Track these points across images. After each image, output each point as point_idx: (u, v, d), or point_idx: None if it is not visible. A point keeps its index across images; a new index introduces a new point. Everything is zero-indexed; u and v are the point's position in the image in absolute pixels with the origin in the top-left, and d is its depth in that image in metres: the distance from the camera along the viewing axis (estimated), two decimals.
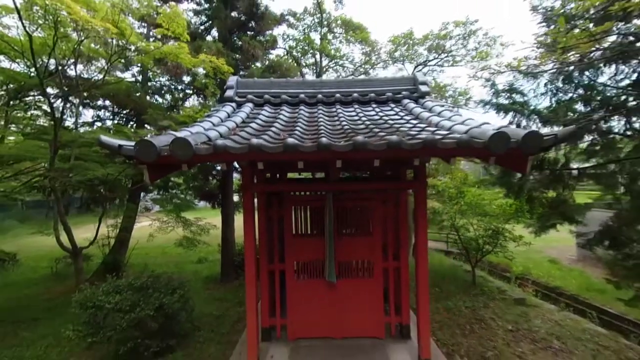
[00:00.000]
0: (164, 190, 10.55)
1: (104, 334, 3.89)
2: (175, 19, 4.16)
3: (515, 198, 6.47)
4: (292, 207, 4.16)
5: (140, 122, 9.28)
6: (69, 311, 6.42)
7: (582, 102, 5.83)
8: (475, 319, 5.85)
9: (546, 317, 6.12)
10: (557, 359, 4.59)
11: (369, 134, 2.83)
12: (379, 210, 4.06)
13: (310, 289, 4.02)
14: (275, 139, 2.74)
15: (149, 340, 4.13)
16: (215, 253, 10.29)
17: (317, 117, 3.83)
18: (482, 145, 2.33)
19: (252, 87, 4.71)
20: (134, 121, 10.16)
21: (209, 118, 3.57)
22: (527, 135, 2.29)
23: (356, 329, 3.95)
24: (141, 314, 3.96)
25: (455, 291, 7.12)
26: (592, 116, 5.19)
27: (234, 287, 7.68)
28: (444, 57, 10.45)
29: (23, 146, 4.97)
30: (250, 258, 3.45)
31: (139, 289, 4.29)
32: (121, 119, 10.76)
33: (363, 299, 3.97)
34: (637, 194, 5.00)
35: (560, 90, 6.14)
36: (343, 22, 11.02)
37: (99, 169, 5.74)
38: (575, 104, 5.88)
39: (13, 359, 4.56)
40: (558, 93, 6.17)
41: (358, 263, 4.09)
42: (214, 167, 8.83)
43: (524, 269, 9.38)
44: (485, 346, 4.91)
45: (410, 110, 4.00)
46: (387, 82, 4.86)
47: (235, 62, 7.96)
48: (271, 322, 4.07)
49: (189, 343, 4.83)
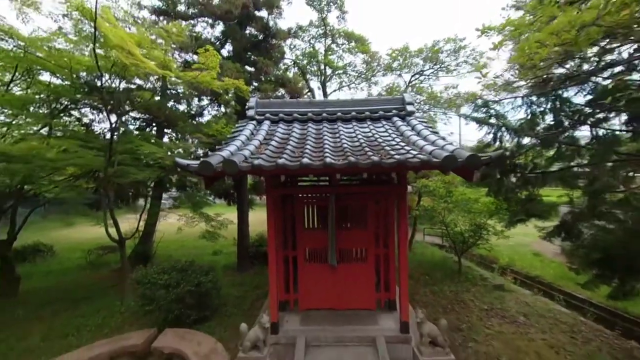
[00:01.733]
0: (182, 189, 11.68)
1: (157, 304, 5.00)
2: (210, 57, 5.20)
3: (495, 197, 7.42)
4: (303, 206, 5.20)
5: (160, 127, 10.38)
6: (111, 293, 7.67)
7: (552, 114, 6.76)
8: (456, 300, 6.87)
9: (519, 299, 7.11)
10: (518, 329, 5.59)
11: (360, 152, 3.84)
12: (372, 208, 5.07)
13: (317, 271, 5.06)
14: (292, 156, 3.77)
15: (189, 310, 5.24)
16: (229, 246, 11.41)
17: (322, 134, 4.86)
18: (438, 164, 3.33)
19: (269, 107, 5.74)
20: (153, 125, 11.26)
21: (238, 136, 4.62)
22: (469, 156, 3.27)
23: (353, 302, 4.99)
24: (184, 289, 5.06)
25: (442, 278, 8.13)
26: (557, 128, 6.13)
27: (250, 275, 8.78)
28: (438, 67, 11.39)
29: (78, 154, 6.00)
30: (272, 246, 4.49)
31: (180, 271, 5.39)
32: (141, 123, 11.89)
33: (358, 278, 5.00)
34: (592, 194, 5.94)
35: (534, 103, 7.07)
36: (345, 35, 11.96)
37: (138, 173, 6.84)
38: (546, 115, 6.81)
39: (80, 326, 5.70)
40: (532, 106, 7.10)
41: (355, 250, 5.12)
42: None
43: (509, 260, 10.33)
44: (461, 321, 5.93)
45: (398, 127, 4.99)
46: (380, 101, 5.84)
47: (248, 76, 9.01)
48: (286, 297, 5.13)
49: (218, 315, 5.93)
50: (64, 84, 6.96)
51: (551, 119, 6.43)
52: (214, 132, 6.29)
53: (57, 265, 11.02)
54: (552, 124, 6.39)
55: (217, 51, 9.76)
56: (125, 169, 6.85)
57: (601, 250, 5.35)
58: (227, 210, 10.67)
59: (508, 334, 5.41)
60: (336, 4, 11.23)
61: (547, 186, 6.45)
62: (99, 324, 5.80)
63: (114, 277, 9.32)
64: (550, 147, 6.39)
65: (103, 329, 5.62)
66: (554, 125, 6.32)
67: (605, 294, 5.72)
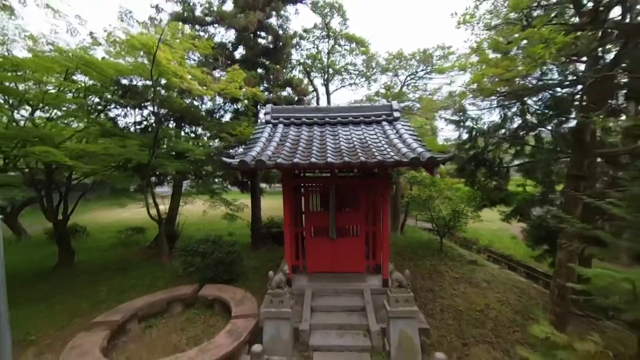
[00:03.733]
0: (199, 178, 13.11)
1: (197, 267, 6.50)
2: (236, 75, 6.45)
3: (471, 187, 8.78)
4: (310, 194, 6.60)
5: (178, 123, 11.71)
6: (147, 265, 9.19)
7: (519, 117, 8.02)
8: (434, 271, 8.35)
9: (487, 271, 8.57)
10: (479, 291, 7.07)
11: (353, 152, 5.19)
12: (363, 195, 6.45)
13: (320, 243, 6.50)
14: (303, 156, 5.13)
15: (221, 273, 6.74)
16: (243, 229, 12.90)
17: (325, 136, 6.21)
18: (407, 163, 4.69)
19: (282, 112, 7.06)
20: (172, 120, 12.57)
21: (260, 138, 5.97)
22: (429, 158, 4.62)
23: (348, 266, 6.44)
24: (218, 256, 6.55)
25: (426, 255, 9.60)
26: (522, 130, 7.43)
27: (263, 252, 10.30)
28: (430, 69, 12.49)
29: (132, 150, 7.26)
30: (287, 224, 5.92)
31: (213, 242, 6.87)
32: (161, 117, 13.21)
33: (352, 249, 6.44)
34: (547, 185, 7.29)
35: (505, 107, 8.31)
36: (347, 37, 13.03)
37: (170, 165, 8.23)
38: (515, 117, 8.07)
39: (134, 285, 7.25)
40: (504, 109, 8.35)
41: (350, 227, 6.55)
42: None
43: (488, 242, 11.78)
44: (435, 285, 7.42)
45: (385, 131, 6.31)
46: (372, 108, 7.14)
47: (259, 78, 10.25)
48: (297, 262, 6.60)
49: (241, 279, 7.43)
50: (109, 89, 8.26)
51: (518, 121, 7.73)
52: (237, 132, 7.62)
53: (92, 243, 12.62)
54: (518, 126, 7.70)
55: (231, 53, 11.07)
56: (161, 161, 8.26)
57: (545, 229, 6.76)
58: (240, 196, 12.11)
59: (469, 294, 6.90)
60: (339, 11, 12.31)
61: (510, 178, 7.82)
62: (148, 284, 7.35)
63: (145, 253, 10.93)
64: (516, 145, 7.70)
65: (152, 288, 7.15)
66: (519, 127, 7.62)
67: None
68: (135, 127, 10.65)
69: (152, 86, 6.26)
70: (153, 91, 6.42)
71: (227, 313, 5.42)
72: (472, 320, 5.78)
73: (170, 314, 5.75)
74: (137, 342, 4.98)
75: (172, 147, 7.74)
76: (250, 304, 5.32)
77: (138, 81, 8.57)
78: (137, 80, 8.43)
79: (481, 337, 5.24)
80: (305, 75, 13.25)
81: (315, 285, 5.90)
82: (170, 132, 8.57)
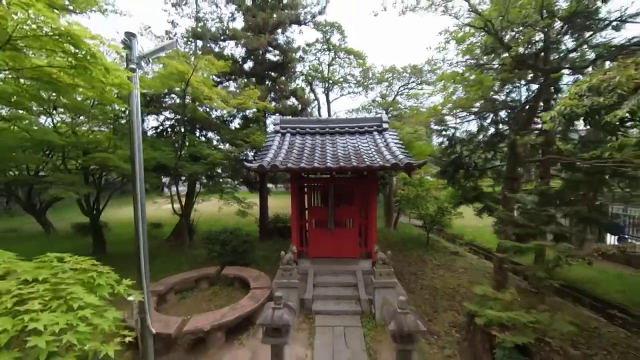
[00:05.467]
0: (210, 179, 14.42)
1: (218, 253, 7.79)
2: (252, 94, 7.74)
3: (452, 187, 10.07)
4: (312, 192, 7.89)
5: (192, 126, 13.02)
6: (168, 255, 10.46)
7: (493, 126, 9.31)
8: (419, 260, 9.63)
9: (467, 261, 9.86)
10: (455, 275, 8.35)
11: (348, 158, 6.49)
12: (357, 193, 7.73)
13: (320, 233, 7.78)
14: (308, 160, 6.43)
15: (237, 259, 8.03)
16: (250, 225, 14.19)
17: (325, 144, 7.51)
18: (389, 167, 5.99)
19: (289, 123, 8.37)
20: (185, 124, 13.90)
21: (271, 145, 7.27)
22: (407, 163, 5.92)
23: (344, 252, 7.71)
24: (235, 244, 7.85)
25: (413, 247, 10.89)
26: (493, 139, 8.72)
27: (270, 244, 11.60)
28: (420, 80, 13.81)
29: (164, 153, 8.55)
30: (294, 217, 7.21)
31: (231, 233, 8.17)
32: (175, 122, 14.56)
33: (348, 238, 7.72)
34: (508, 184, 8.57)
35: (481, 118, 9.61)
36: (346, 51, 14.36)
37: (191, 167, 9.53)
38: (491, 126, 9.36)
39: (164, 270, 8.53)
40: (480, 119, 9.64)
41: (346, 220, 7.83)
42: None
43: (472, 237, 13.04)
44: (418, 270, 8.70)
45: (375, 140, 7.61)
46: (364, 120, 8.44)
47: (267, 90, 11.56)
48: (301, 249, 7.88)
49: (253, 265, 8.73)
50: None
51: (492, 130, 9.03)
52: (251, 140, 8.92)
53: (114, 237, 13.92)
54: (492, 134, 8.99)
55: (241, 67, 12.39)
56: (183, 163, 9.56)
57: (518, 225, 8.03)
58: (249, 195, 13.42)
59: (446, 277, 8.18)
60: (338, 29, 13.64)
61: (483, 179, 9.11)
62: (174, 268, 8.63)
63: (165, 245, 12.23)
64: (488, 151, 9.00)
65: (179, 271, 8.45)
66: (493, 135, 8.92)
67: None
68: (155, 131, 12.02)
69: (182, 103, 7.58)
70: (183, 105, 7.74)
71: (245, 289, 6.71)
72: (445, 295, 7.06)
73: (199, 289, 7.05)
74: (176, 308, 6.28)
75: (196, 151, 9.02)
76: (264, 280, 6.62)
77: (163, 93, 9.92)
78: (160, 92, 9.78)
79: (450, 307, 6.52)
80: (307, 84, 14.57)
81: (317, 267, 7.19)
82: (194, 139, 9.87)
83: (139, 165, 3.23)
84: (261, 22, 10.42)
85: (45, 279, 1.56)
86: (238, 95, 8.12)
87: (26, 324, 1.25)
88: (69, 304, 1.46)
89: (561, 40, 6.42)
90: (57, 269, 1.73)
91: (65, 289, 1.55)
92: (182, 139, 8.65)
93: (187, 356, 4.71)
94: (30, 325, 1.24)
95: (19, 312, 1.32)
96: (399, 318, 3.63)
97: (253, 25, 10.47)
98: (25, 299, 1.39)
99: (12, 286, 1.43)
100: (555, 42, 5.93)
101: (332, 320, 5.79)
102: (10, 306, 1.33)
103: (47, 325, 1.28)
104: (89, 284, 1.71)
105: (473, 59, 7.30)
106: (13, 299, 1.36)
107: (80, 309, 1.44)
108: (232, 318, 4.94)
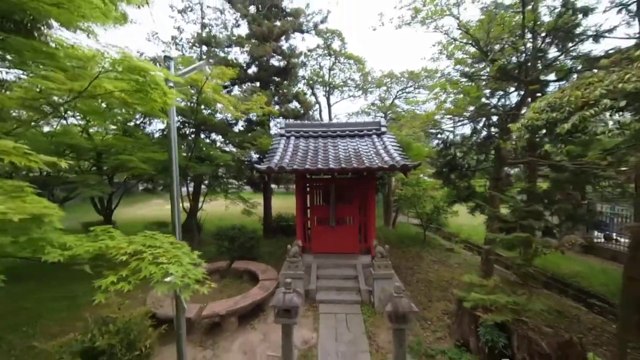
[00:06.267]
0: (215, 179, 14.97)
1: (227, 249, 8.33)
2: (260, 100, 8.31)
3: (447, 187, 10.61)
4: (315, 191, 8.44)
5: (197, 128, 13.57)
6: None
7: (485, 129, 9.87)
8: (416, 256, 10.18)
9: (461, 257, 10.40)
10: (449, 269, 8.89)
11: (348, 160, 7.04)
12: (357, 192, 8.27)
13: (323, 230, 8.32)
14: (311, 162, 6.97)
15: (244, 254, 8.57)
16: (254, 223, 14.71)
17: (327, 147, 8.06)
18: (387, 168, 6.54)
19: (293, 127, 8.92)
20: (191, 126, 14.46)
21: (278, 148, 7.82)
22: (402, 164, 6.47)
23: (344, 248, 8.25)
24: (243, 239, 8.38)
25: (411, 244, 11.43)
26: (486, 141, 9.27)
27: (274, 241, 12.13)
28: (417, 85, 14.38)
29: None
30: (298, 215, 7.75)
31: (239, 229, 8.71)
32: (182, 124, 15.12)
33: (348, 234, 8.26)
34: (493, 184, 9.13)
35: (474, 122, 10.17)
36: (346, 56, 14.93)
37: (200, 168, 10.07)
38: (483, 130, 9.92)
39: None
40: (473, 123, 10.20)
41: (346, 217, 8.37)
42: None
43: (467, 235, 13.59)
44: (415, 265, 9.24)
45: (374, 143, 8.16)
46: (364, 124, 9.00)
47: (271, 93, 12.10)
48: (304, 244, 8.42)
49: (260, 259, 9.27)
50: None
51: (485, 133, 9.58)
52: (258, 143, 9.47)
53: None
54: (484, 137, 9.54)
55: (245, 71, 12.94)
56: (192, 164, 10.09)
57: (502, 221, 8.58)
58: (253, 196, 13.96)
59: (441, 271, 8.72)
60: (339, 36, 14.22)
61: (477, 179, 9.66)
62: None
63: None
64: (480, 153, 9.55)
65: None
66: (486, 137, 9.47)
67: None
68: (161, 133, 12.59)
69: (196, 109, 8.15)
70: (195, 111, 8.29)
71: (253, 281, 7.25)
72: (438, 287, 7.60)
73: (212, 280, 7.57)
74: (192, 297, 6.81)
75: (203, 153, 9.57)
76: (272, 273, 7.16)
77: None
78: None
79: (443, 297, 7.06)
80: (309, 88, 15.13)
81: (319, 261, 7.74)
82: (201, 141, 10.42)
83: (175, 171, 3.76)
84: (266, 31, 10.98)
85: (159, 246, 2.23)
86: (245, 100, 8.64)
87: (166, 270, 1.91)
88: (179, 261, 2.23)
89: (545, 51, 6.99)
90: (162, 242, 2.37)
91: (174, 253, 2.18)
92: (194, 142, 9.20)
93: (205, 337, 5.25)
94: (170, 270, 2.11)
95: (157, 263, 1.97)
96: (394, 301, 4.16)
97: (258, 33, 11.02)
98: (156, 256, 2.02)
99: (146, 250, 2.23)
100: (536, 57, 6.51)
101: (335, 308, 6.32)
102: (151, 259, 1.97)
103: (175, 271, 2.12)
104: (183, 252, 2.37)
105: (465, 68, 7.87)
106: (150, 256, 1.99)
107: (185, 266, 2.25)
108: (245, 304, 5.48)
